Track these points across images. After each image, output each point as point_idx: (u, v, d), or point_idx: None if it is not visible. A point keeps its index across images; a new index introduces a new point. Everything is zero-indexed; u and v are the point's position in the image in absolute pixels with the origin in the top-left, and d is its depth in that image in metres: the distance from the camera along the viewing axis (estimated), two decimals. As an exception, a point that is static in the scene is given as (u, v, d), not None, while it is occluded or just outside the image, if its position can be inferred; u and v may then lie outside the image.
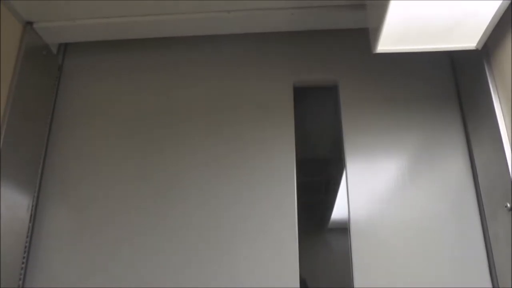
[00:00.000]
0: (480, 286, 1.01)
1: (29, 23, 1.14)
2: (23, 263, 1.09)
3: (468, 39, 0.95)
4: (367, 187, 1.13)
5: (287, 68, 1.25)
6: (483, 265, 1.03)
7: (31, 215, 1.12)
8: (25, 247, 1.10)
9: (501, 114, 0.98)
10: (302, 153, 1.18)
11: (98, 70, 1.29)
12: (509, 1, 0.87)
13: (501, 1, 0.86)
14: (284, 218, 1.10)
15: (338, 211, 1.19)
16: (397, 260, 1.05)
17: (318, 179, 1.29)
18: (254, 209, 1.12)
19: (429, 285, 1.02)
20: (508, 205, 0.92)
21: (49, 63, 1.24)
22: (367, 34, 1.01)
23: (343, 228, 1.10)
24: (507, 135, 0.96)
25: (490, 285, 1.01)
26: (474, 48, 0.97)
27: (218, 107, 1.23)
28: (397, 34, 0.93)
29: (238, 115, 1.22)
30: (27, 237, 1.11)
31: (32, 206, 1.13)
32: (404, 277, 1.04)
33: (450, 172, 1.12)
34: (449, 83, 1.21)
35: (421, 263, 1.05)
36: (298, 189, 1.13)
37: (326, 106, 1.31)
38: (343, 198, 1.13)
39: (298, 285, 1.04)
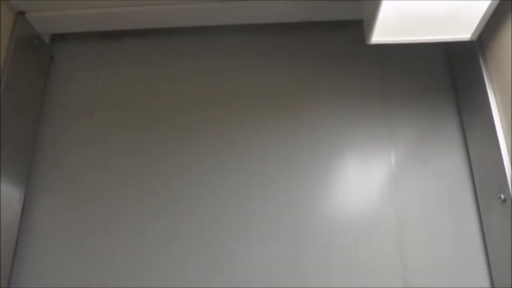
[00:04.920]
0: (477, 279, 1.01)
1: (21, 13, 1.13)
2: (14, 254, 1.08)
3: (462, 30, 0.95)
4: (362, 181, 1.13)
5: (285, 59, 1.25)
6: (480, 258, 1.03)
7: (23, 207, 1.11)
8: (17, 238, 1.09)
9: (496, 106, 0.98)
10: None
11: (91, 61, 1.28)
12: (504, -8, 0.87)
13: (495, -8, 0.86)
14: (285, 209, 1.10)
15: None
16: (395, 252, 1.05)
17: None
18: (255, 203, 1.12)
19: (426, 278, 1.02)
20: (502, 196, 0.92)
21: (41, 53, 1.23)
22: (362, 25, 1.01)
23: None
24: (502, 127, 0.96)
25: (487, 278, 1.01)
26: (468, 39, 0.96)
27: (214, 99, 1.22)
28: (391, 25, 0.93)
29: (238, 106, 1.21)
30: (18, 228, 1.09)
31: (24, 198, 1.12)
32: (401, 270, 1.04)
33: (446, 166, 1.12)
34: (444, 76, 1.21)
35: (417, 257, 1.04)
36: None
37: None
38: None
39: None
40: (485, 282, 1.00)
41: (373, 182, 1.12)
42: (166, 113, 1.21)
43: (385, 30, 0.94)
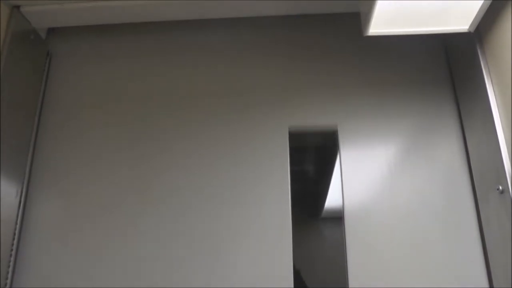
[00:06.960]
0: (474, 270, 1.01)
1: (16, 7, 1.12)
2: (11, 250, 1.07)
3: (460, 21, 0.94)
4: (361, 174, 1.12)
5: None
6: (478, 249, 1.03)
7: (20, 202, 1.11)
8: (14, 234, 1.09)
9: (494, 98, 0.98)
10: (295, 141, 1.17)
11: (88, 56, 1.28)
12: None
13: (493, -18, 0.85)
14: (277, 207, 1.10)
15: (332, 200, 1.19)
16: (392, 247, 1.05)
17: (312, 167, 1.28)
18: (247, 198, 1.11)
19: (422, 270, 1.02)
20: (500, 187, 0.91)
21: (37, 48, 1.22)
22: (359, 18, 1.00)
23: (337, 217, 1.10)
24: (500, 118, 0.96)
25: (484, 270, 1.01)
26: (466, 30, 0.96)
27: (212, 94, 1.21)
28: (389, 16, 0.92)
29: (231, 102, 1.20)
30: (16, 223, 1.09)
31: (22, 193, 1.12)
32: (398, 263, 1.03)
33: (444, 157, 1.12)
34: (442, 68, 1.21)
35: (415, 249, 1.04)
36: (291, 178, 1.12)
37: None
38: (337, 186, 1.13)
39: (291, 276, 1.03)
40: (483, 274, 1.00)
41: (371, 174, 1.12)
42: (165, 109, 1.20)
43: (382, 22, 0.94)
